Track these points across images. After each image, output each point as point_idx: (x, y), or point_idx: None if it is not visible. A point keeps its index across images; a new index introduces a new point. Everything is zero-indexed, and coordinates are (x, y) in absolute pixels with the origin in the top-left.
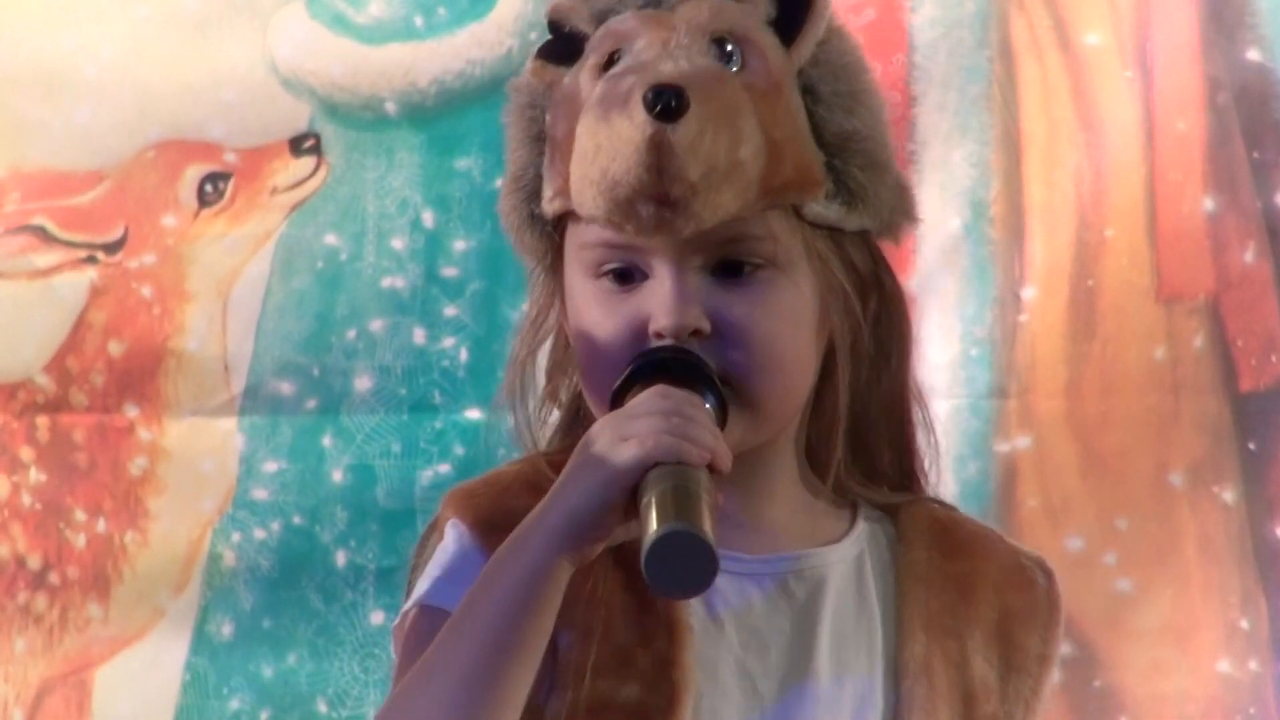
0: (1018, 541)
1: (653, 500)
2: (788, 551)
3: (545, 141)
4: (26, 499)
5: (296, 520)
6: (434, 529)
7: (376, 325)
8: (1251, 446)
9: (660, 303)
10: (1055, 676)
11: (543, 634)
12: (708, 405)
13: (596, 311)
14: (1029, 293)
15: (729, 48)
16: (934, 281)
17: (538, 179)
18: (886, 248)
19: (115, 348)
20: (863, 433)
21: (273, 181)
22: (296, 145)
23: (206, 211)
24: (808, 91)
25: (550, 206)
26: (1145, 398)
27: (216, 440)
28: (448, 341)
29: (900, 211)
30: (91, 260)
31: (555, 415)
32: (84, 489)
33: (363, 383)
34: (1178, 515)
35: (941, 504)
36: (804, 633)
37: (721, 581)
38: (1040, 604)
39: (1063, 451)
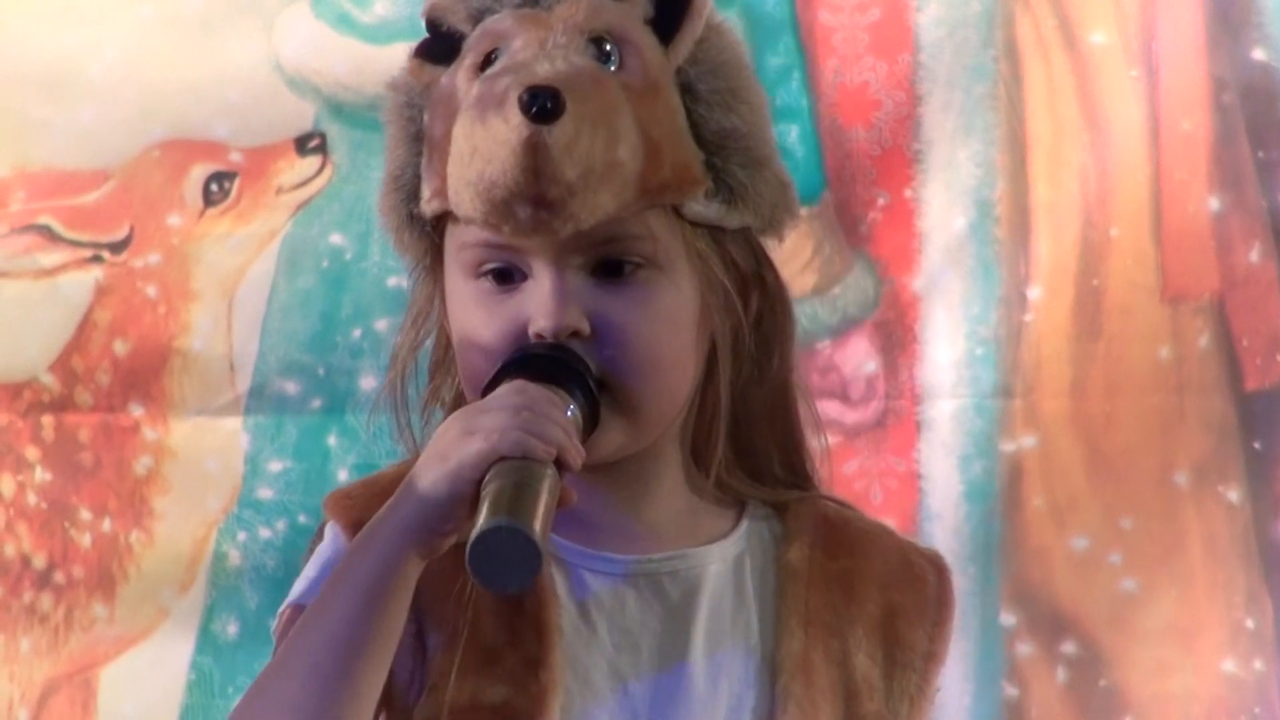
0: (913, 539)
1: (488, 495)
2: (664, 552)
3: (423, 141)
4: (32, 498)
5: (302, 519)
6: (319, 533)
7: (382, 324)
8: (1257, 446)
9: (539, 304)
10: (942, 675)
11: (393, 629)
12: (573, 404)
13: (476, 313)
14: (1034, 292)
15: (607, 47)
16: (939, 281)
17: (416, 179)
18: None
19: (120, 347)
20: (748, 432)
21: (278, 181)
22: (301, 144)
23: (211, 211)
24: (686, 90)
25: (429, 207)
26: (1150, 397)
27: (222, 440)
28: None
29: (782, 208)
30: (97, 259)
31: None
32: (89, 488)
33: (368, 382)
34: (1183, 515)
35: (835, 501)
36: (677, 633)
37: (595, 583)
38: (929, 601)
39: (1068, 451)
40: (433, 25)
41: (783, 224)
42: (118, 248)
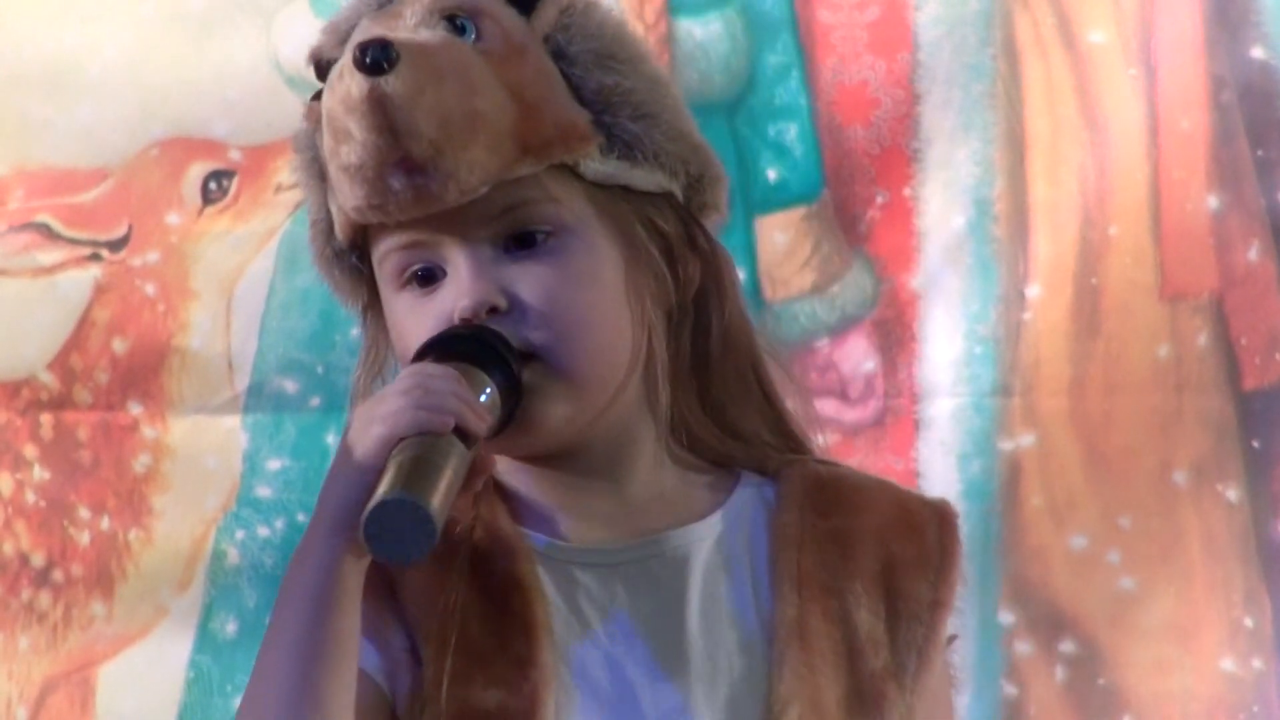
0: (914, 490)
1: (388, 471)
2: (649, 535)
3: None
4: (30, 496)
5: (300, 518)
6: None
7: None
8: (1255, 445)
9: (456, 287)
10: (951, 623)
11: (348, 633)
12: (489, 378)
13: (408, 321)
14: (1033, 291)
15: (459, 22)
16: (938, 279)
17: (330, 215)
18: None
19: (119, 345)
20: (722, 399)
21: (277, 179)
22: None
23: (210, 209)
24: (559, 55)
25: (342, 231)
26: (1149, 396)
27: (220, 438)
28: None
29: (698, 167)
30: (95, 258)
31: None
32: (88, 486)
33: None
34: (1181, 513)
35: (826, 462)
36: (670, 615)
37: (583, 577)
38: (931, 550)
39: (1066, 449)
40: (318, 67)
41: (708, 189)
42: (116, 246)
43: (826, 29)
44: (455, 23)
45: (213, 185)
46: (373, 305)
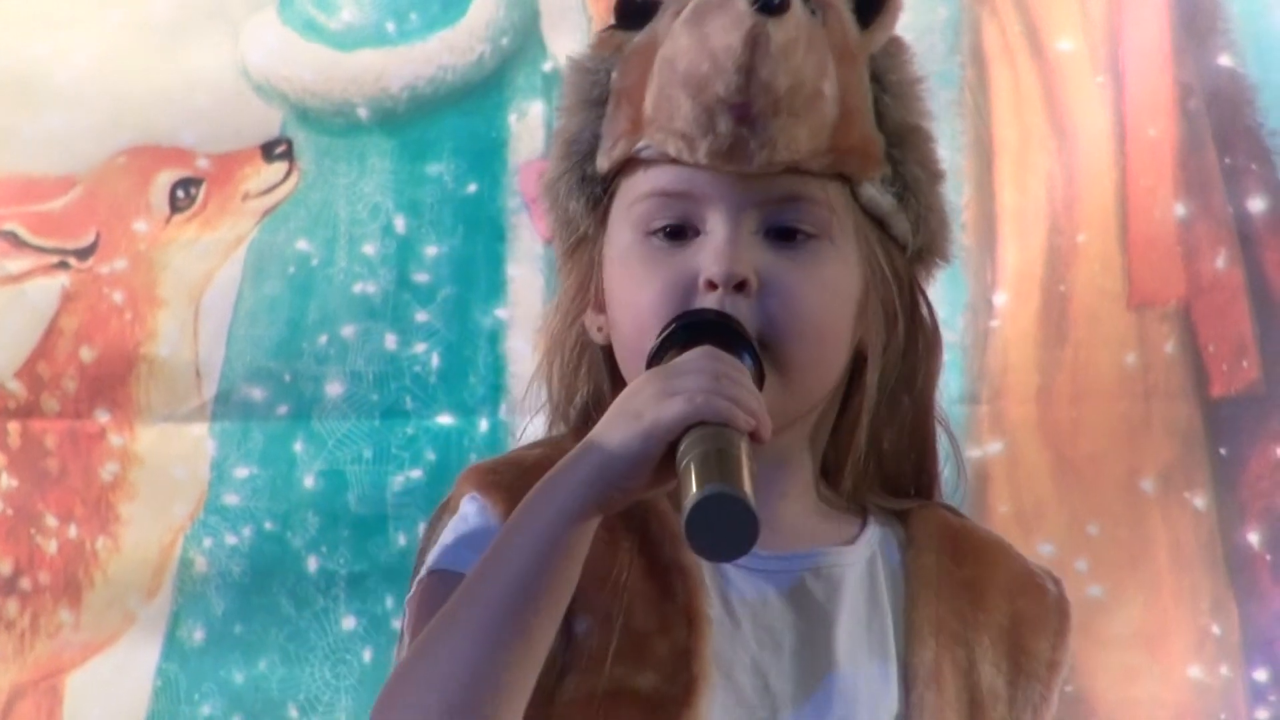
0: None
1: (695, 460)
2: (804, 549)
3: (606, 103)
4: None
5: (268, 526)
6: (446, 508)
7: (348, 331)
8: (1222, 452)
9: (712, 251)
10: (1064, 683)
11: (568, 583)
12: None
13: (642, 269)
14: (1001, 298)
15: (812, 6)
16: None
17: (594, 139)
18: None
19: (87, 353)
20: (885, 447)
21: (244, 187)
22: (268, 151)
23: (178, 217)
24: (875, 79)
25: (610, 156)
26: (1117, 403)
27: (188, 446)
28: (419, 347)
29: (941, 239)
30: (63, 266)
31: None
32: (55, 494)
33: (334, 388)
34: (1149, 521)
35: (952, 510)
36: (819, 633)
37: (738, 577)
38: (1051, 610)
39: (1034, 457)
40: (629, 3)
41: (934, 255)
42: (84, 254)
43: None
44: (808, 5)
45: (180, 193)
46: (590, 240)
